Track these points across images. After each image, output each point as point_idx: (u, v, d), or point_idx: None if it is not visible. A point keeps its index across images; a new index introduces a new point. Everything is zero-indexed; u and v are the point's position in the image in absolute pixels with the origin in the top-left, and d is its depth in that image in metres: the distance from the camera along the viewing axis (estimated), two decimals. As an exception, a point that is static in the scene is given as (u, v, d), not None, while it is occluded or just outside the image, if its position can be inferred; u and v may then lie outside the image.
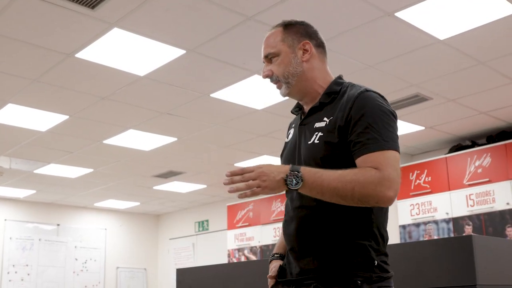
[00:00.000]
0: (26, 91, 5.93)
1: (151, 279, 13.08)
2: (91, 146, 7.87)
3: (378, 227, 2.13)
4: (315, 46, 2.29)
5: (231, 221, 10.61)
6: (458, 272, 2.71)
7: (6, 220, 11.39)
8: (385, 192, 1.94)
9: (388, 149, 2.00)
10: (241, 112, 6.66)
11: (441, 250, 2.81)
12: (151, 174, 9.52)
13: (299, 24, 2.29)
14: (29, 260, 11.42)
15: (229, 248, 10.51)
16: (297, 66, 2.23)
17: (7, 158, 8.44)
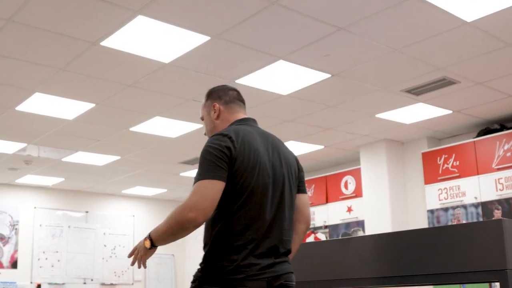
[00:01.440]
0: (52, 80, 5.97)
1: (179, 265, 13.17)
2: (118, 133, 7.91)
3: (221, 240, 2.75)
4: (223, 104, 3.00)
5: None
6: (488, 257, 2.68)
7: (36, 208, 11.53)
8: (187, 214, 2.58)
9: (196, 181, 2.67)
10: (267, 98, 6.64)
11: (471, 234, 2.78)
12: (178, 161, 9.55)
13: (215, 90, 3.07)
14: (59, 247, 11.56)
15: (256, 234, 10.51)
16: (211, 124, 3.02)
17: (36, 146, 8.52)
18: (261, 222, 2.67)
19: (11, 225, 11.20)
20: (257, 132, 2.90)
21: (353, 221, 8.87)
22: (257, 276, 2.57)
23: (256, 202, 2.67)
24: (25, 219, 11.39)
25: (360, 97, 6.68)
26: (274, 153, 2.84)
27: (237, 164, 2.65)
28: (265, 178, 2.71)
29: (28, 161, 9.36)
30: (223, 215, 2.69)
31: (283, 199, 2.78)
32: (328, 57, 5.54)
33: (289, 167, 2.88)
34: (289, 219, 2.80)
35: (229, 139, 2.71)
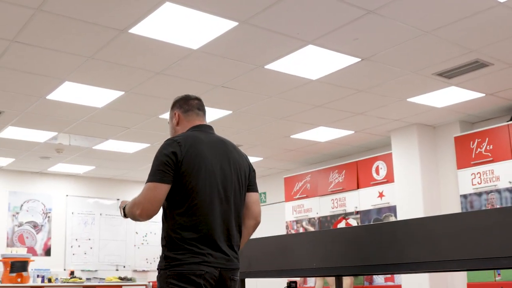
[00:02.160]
0: (82, 68, 5.99)
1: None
2: (148, 121, 7.92)
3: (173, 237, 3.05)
4: (183, 113, 3.41)
5: (288, 193, 10.59)
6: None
7: (68, 196, 11.65)
8: (135, 211, 3.09)
9: (146, 182, 3.10)
10: (296, 83, 6.59)
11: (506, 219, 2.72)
12: (208, 148, 9.54)
13: (177, 100, 3.48)
14: (91, 234, 11.68)
15: (287, 220, 10.51)
16: (172, 129, 3.45)
17: (67, 135, 8.58)
18: (210, 218, 3.03)
19: (44, 213, 11.33)
20: (208, 138, 3.25)
21: (385, 207, 8.80)
22: (210, 264, 2.95)
23: (204, 200, 3.03)
24: (58, 207, 11.51)
25: (391, 81, 6.60)
26: (223, 156, 3.20)
27: (184, 167, 3.03)
28: (211, 179, 3.08)
29: (59, 149, 9.44)
30: (175, 212, 3.05)
31: (230, 197, 3.14)
32: (358, 41, 5.46)
33: (238, 169, 3.24)
34: (236, 216, 3.16)
35: (177, 143, 3.10)
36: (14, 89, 6.61)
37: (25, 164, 10.61)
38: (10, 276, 10.19)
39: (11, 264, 10.20)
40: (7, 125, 8.04)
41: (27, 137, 8.71)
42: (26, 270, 10.35)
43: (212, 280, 2.96)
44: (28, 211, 11.19)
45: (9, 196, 11.08)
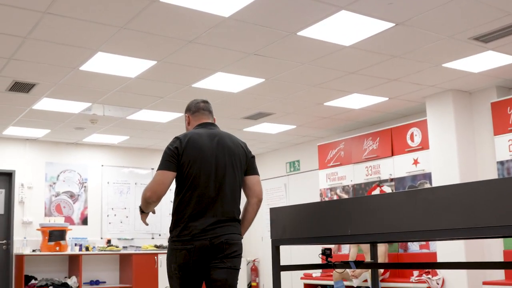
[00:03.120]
0: (114, 38, 5.99)
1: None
2: (180, 90, 7.93)
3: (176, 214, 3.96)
4: (192, 114, 4.24)
5: (322, 161, 10.56)
6: None
7: (103, 166, 11.78)
8: (146, 194, 3.89)
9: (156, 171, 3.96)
10: (329, 50, 6.52)
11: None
12: (241, 116, 9.55)
13: (188, 105, 4.29)
14: (127, 203, 11.82)
15: (321, 188, 10.50)
16: (186, 128, 4.29)
17: (100, 105, 8.64)
18: (206, 198, 3.87)
19: (80, 183, 11.49)
20: (207, 133, 4.06)
21: (420, 174, 8.73)
22: (201, 236, 3.80)
23: (200, 184, 3.88)
24: (93, 177, 11.65)
25: (426, 46, 6.49)
26: (218, 147, 4.00)
27: (183, 159, 3.91)
28: (207, 166, 3.92)
29: (94, 120, 9.52)
30: (178, 194, 3.97)
31: (225, 181, 3.95)
32: (392, 5, 5.37)
33: (233, 157, 4.04)
34: (230, 195, 3.97)
35: (179, 140, 3.98)
36: (48, 60, 6.66)
37: (60, 135, 10.73)
38: (48, 245, 10.40)
39: (49, 233, 10.40)
40: (42, 97, 8.12)
41: (61, 109, 8.79)
42: (64, 239, 10.55)
43: (204, 249, 3.80)
44: (64, 181, 11.35)
45: (46, 167, 11.24)
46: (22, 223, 10.85)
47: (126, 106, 8.72)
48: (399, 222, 3.30)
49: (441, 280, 8.16)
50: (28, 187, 10.99)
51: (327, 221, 3.68)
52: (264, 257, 12.70)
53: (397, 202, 3.34)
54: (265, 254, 12.58)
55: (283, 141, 11.77)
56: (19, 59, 6.59)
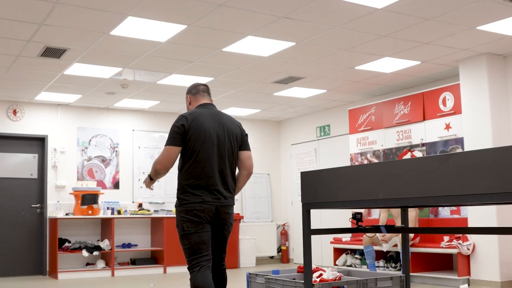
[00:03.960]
0: (144, 3, 5.98)
1: (274, 184, 13.33)
2: (211, 54, 7.91)
3: (182, 183, 4.54)
4: (193, 95, 4.84)
5: (352, 125, 10.51)
6: None
7: (134, 131, 11.86)
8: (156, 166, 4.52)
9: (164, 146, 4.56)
10: (361, 12, 6.43)
11: None
12: (271, 80, 9.51)
13: (189, 87, 4.89)
14: (158, 167, 11.89)
15: (352, 152, 10.46)
16: (187, 107, 4.86)
17: (131, 70, 8.67)
18: (209, 171, 4.50)
19: (112, 147, 11.59)
20: (209, 112, 4.69)
21: (452, 139, 8.64)
22: (208, 203, 4.45)
23: (203, 158, 4.50)
24: (125, 141, 11.75)
25: (460, 8, 6.37)
26: (219, 125, 4.63)
27: (189, 134, 4.50)
28: (209, 142, 4.53)
29: (124, 85, 9.56)
30: (184, 166, 4.55)
31: (224, 155, 4.59)
32: (425, -34, 5.27)
33: (231, 134, 4.66)
34: (229, 167, 4.62)
35: (185, 118, 4.55)
36: (78, 26, 6.68)
37: (91, 100, 10.81)
38: (81, 209, 10.55)
39: (82, 197, 10.54)
40: (73, 62, 8.17)
41: (92, 74, 8.84)
42: (96, 203, 10.69)
43: (210, 213, 4.46)
44: (96, 146, 11.47)
45: (78, 132, 11.36)
46: (55, 187, 11.01)
47: (156, 70, 8.74)
48: (431, 187, 3.28)
49: (471, 245, 8.13)
50: (60, 152, 11.13)
51: (359, 185, 3.68)
52: (293, 222, 12.76)
53: (429, 166, 3.32)
54: (295, 219, 12.63)
55: (314, 105, 11.73)
56: (50, 24, 6.62)
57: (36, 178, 11.06)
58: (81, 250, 10.51)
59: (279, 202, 13.35)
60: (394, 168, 3.48)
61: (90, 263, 10.92)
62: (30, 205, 10.96)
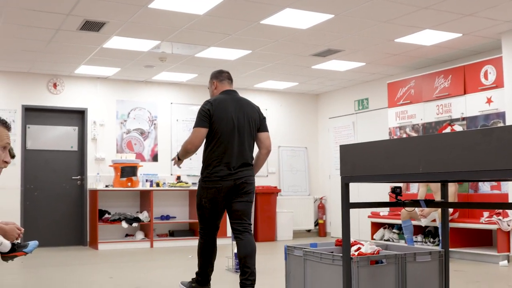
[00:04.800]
0: (182, -26, 5.96)
1: (312, 157, 13.31)
2: (249, 27, 7.88)
3: (206, 160, 5.35)
4: (219, 82, 5.64)
5: (391, 99, 10.41)
6: None
7: (172, 104, 11.91)
8: (187, 146, 5.36)
9: (193, 128, 5.34)
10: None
11: None
12: (309, 53, 9.45)
13: (214, 73, 5.69)
14: (196, 140, 11.95)
15: (390, 126, 10.37)
16: (212, 92, 5.65)
17: (169, 43, 8.68)
18: (230, 150, 5.31)
19: (150, 120, 11.68)
20: (231, 98, 5.51)
21: (493, 113, 8.50)
22: (227, 178, 5.32)
23: (225, 139, 5.31)
24: (163, 114, 11.82)
25: (504, -22, 6.22)
26: (239, 110, 5.44)
27: (213, 118, 5.29)
28: (231, 125, 5.34)
29: (163, 58, 9.59)
30: (209, 146, 5.36)
31: (244, 138, 5.41)
32: None
33: (250, 119, 5.49)
34: (248, 147, 5.46)
35: (210, 104, 5.36)
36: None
37: (130, 73, 10.88)
38: (121, 181, 10.68)
39: (121, 169, 10.67)
40: (112, 35, 8.21)
41: (131, 47, 8.88)
42: (135, 175, 10.81)
43: (227, 189, 5.33)
44: (135, 119, 11.56)
45: (117, 105, 11.46)
46: (95, 159, 11.16)
47: (194, 43, 8.74)
48: (473, 161, 3.24)
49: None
50: (100, 125, 11.25)
51: (399, 158, 3.64)
52: (331, 195, 12.75)
53: (471, 140, 3.26)
54: (332, 192, 12.61)
55: (352, 78, 11.63)
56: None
57: (77, 150, 11.21)
58: (120, 222, 10.66)
59: (317, 175, 13.33)
60: (436, 142, 3.43)
61: (129, 234, 11.08)
62: (71, 177, 11.14)
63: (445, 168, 3.36)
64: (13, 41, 8.52)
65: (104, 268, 8.18)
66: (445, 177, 3.42)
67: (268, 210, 11.95)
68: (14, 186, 10.54)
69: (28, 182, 10.78)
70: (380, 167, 3.79)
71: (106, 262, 8.78)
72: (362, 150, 3.99)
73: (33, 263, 8.33)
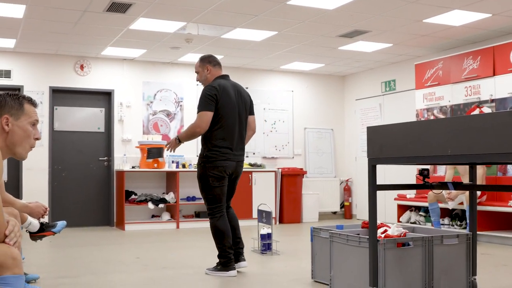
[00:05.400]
0: (208, -45, 5.93)
1: (338, 139, 13.25)
2: (275, 8, 7.83)
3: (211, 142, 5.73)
4: (213, 66, 5.96)
5: (419, 80, 10.30)
6: None
7: (198, 85, 11.84)
8: (195, 129, 5.70)
9: (199, 111, 5.65)
10: (430, -37, 6.24)
11: None
12: (336, 34, 9.37)
13: (204, 58, 6.03)
14: (222, 122, 11.96)
15: (418, 108, 10.28)
16: (205, 76, 5.97)
17: (195, 24, 8.67)
18: (232, 134, 5.76)
19: (176, 102, 11.70)
20: (230, 83, 5.90)
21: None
22: (232, 159, 5.80)
23: (229, 123, 5.75)
24: (189, 96, 11.83)
25: (535, -43, 6.10)
26: (238, 96, 5.86)
27: (219, 103, 5.66)
28: (233, 110, 5.77)
29: (189, 39, 9.58)
30: (213, 129, 5.70)
31: (242, 121, 5.88)
32: None
33: (246, 104, 5.95)
34: (245, 133, 5.94)
35: (216, 89, 5.69)
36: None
37: (156, 54, 10.89)
38: (147, 162, 10.74)
39: (147, 150, 10.72)
40: (138, 17, 8.22)
41: (157, 28, 8.88)
42: (161, 156, 10.85)
43: (232, 168, 5.80)
44: (161, 100, 11.59)
45: (143, 86, 11.49)
46: (121, 140, 11.23)
47: (220, 25, 8.71)
48: (502, 143, 3.19)
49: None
50: (126, 106, 11.30)
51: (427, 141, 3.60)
52: (357, 177, 12.70)
53: (500, 122, 3.22)
54: (358, 174, 12.57)
55: (379, 60, 11.53)
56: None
57: (103, 131, 11.29)
58: (147, 203, 10.73)
59: (343, 157, 13.28)
60: (464, 124, 3.39)
61: (156, 215, 11.16)
62: (98, 158, 11.23)
63: (474, 150, 3.32)
64: (41, 23, 8.57)
65: (131, 248, 8.25)
66: (473, 159, 3.38)
67: (294, 192, 11.94)
68: (42, 167, 10.65)
69: (55, 163, 10.89)
70: (408, 149, 3.76)
71: (133, 242, 8.85)
72: (390, 132, 3.96)
73: (60, 242, 8.43)
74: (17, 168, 10.51)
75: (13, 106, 2.98)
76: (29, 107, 3.04)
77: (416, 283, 4.51)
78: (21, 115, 2.99)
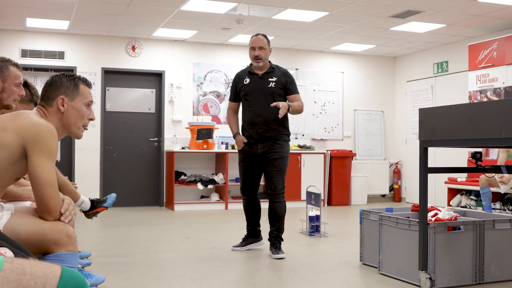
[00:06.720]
0: None
1: (388, 121, 13.11)
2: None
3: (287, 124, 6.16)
4: (271, 49, 6.19)
5: (472, 62, 10.10)
6: None
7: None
8: (302, 109, 6.12)
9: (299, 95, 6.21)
10: None
11: None
12: (388, 15, 9.24)
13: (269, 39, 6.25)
14: (271, 103, 11.95)
15: (470, 90, 10.08)
16: (266, 57, 6.09)
17: (246, 5, 8.65)
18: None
19: (226, 83, 11.72)
20: None
21: None
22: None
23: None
24: (239, 77, 11.83)
25: None
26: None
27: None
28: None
29: (239, 20, 9.58)
30: None
31: None
32: None
33: None
34: None
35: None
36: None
37: (207, 35, 10.92)
38: (197, 143, 10.81)
39: (197, 131, 10.79)
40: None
41: (208, 9, 8.90)
42: (211, 137, 10.91)
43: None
44: (211, 81, 11.64)
45: (193, 67, 11.55)
46: (172, 121, 11.33)
47: (271, 5, 8.68)
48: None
49: None
50: (177, 87, 11.38)
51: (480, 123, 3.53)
52: (407, 160, 12.56)
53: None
54: (408, 157, 12.43)
55: (431, 40, 11.33)
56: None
57: (154, 112, 11.40)
58: (196, 183, 10.82)
59: (393, 140, 13.15)
60: None
61: (205, 196, 11.25)
62: (148, 138, 11.35)
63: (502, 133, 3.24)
64: (94, 5, 8.68)
65: (180, 228, 8.34)
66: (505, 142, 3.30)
67: (342, 174, 11.88)
68: (94, 147, 10.84)
69: (107, 143, 11.06)
70: (460, 132, 3.69)
71: (182, 222, 8.95)
72: (442, 114, 3.90)
73: (111, 222, 8.58)
74: (70, 148, 10.72)
75: (69, 87, 3.02)
76: (84, 88, 3.08)
77: (466, 268, 4.46)
78: (76, 96, 3.03)
